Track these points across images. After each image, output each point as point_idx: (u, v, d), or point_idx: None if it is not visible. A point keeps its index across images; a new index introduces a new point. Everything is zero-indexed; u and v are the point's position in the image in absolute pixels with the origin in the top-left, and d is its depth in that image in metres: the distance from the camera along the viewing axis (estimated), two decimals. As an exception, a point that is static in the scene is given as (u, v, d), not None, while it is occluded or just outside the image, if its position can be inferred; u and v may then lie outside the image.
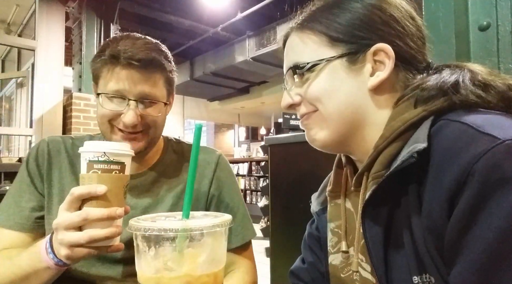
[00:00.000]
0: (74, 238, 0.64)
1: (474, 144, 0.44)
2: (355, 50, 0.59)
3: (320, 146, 0.63)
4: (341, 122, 0.59)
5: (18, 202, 0.87)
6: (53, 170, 0.91)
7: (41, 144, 0.93)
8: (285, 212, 1.95)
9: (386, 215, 0.54)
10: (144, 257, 0.49)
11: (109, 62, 0.81)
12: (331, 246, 0.70)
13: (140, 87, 0.82)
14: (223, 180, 0.99)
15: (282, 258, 2.02)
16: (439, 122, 0.52)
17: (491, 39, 1.04)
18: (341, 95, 0.59)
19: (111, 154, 0.67)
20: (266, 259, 2.15)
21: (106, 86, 0.83)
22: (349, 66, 0.59)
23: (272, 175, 2.06)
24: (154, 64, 0.83)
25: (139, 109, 0.83)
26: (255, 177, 7.57)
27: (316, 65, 0.60)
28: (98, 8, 4.70)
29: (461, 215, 0.43)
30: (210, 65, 7.80)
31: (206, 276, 0.47)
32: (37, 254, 0.70)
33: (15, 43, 4.88)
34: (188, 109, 10.62)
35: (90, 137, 1.00)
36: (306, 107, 0.62)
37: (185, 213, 0.51)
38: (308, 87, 0.61)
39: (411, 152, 0.49)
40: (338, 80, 0.59)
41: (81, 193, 0.65)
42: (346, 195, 0.69)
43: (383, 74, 0.58)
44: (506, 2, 1.02)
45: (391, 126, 0.56)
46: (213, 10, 5.92)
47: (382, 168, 0.54)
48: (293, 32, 0.65)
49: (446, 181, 0.45)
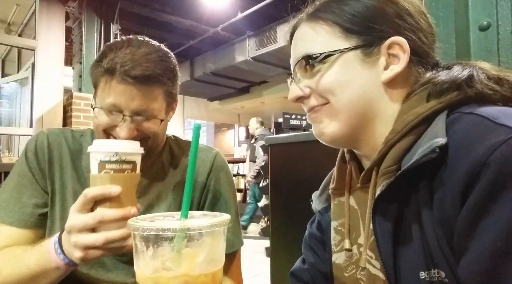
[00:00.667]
0: (90, 240, 0.63)
1: (489, 135, 0.43)
2: (369, 43, 0.58)
3: (329, 140, 0.62)
4: (353, 116, 0.58)
5: (19, 197, 0.84)
6: (53, 165, 0.88)
7: (40, 136, 0.89)
8: (285, 212, 1.95)
9: (396, 210, 0.53)
10: (142, 257, 0.49)
11: (105, 74, 0.78)
12: (334, 244, 0.69)
13: (136, 103, 0.78)
14: (218, 180, 0.96)
15: (282, 258, 2.02)
16: (453, 115, 0.51)
17: (491, 39, 1.04)
18: (354, 88, 0.57)
19: (123, 154, 0.67)
20: (266, 259, 2.16)
21: (103, 100, 0.79)
22: (363, 59, 0.58)
23: (272, 175, 2.06)
24: (152, 80, 0.78)
25: (134, 124, 0.79)
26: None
27: (329, 56, 0.58)
28: (98, 8, 4.70)
29: (473, 205, 0.43)
30: (210, 65, 7.80)
31: (205, 275, 0.47)
32: (45, 254, 0.70)
33: (15, 43, 4.88)
34: (188, 109, 10.61)
35: (91, 132, 0.95)
36: (317, 100, 0.61)
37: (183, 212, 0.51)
38: (320, 78, 0.59)
39: (432, 146, 0.47)
40: (351, 72, 0.58)
41: (95, 195, 0.64)
42: (350, 192, 0.67)
43: (397, 68, 0.57)
44: (506, 2, 1.02)
45: (403, 120, 0.55)
46: (213, 10, 5.91)
47: (394, 163, 0.53)
48: (304, 23, 0.64)
49: (460, 172, 0.44)
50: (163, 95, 0.83)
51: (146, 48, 0.80)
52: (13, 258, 0.76)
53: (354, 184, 0.67)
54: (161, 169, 0.94)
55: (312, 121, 0.63)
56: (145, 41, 0.83)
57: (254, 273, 3.62)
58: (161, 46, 0.85)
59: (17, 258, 0.75)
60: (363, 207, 0.63)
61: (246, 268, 0.99)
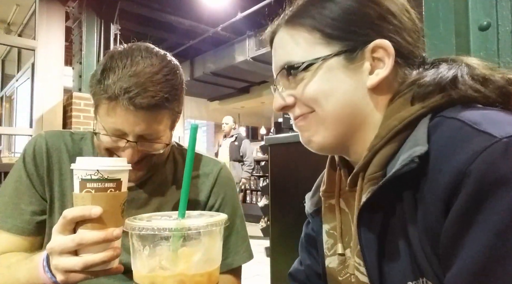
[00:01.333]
0: (69, 264, 0.60)
1: (469, 143, 0.42)
2: (352, 48, 0.55)
3: (316, 148, 0.61)
4: (340, 124, 0.57)
5: (17, 203, 0.82)
6: (52, 171, 0.85)
7: (38, 140, 0.86)
8: (285, 212, 1.95)
9: (381, 219, 0.52)
10: (139, 256, 0.49)
11: (108, 99, 0.73)
12: (327, 248, 0.68)
13: (141, 128, 0.74)
14: (222, 195, 0.92)
15: (282, 258, 2.02)
16: (435, 119, 0.50)
17: (491, 39, 1.04)
18: (339, 96, 0.56)
19: (105, 171, 0.62)
20: (266, 259, 2.15)
21: (106, 123, 0.76)
22: (346, 65, 0.55)
23: (272, 175, 2.06)
24: (158, 107, 0.74)
25: (139, 146, 0.77)
26: (255, 176, 7.56)
27: (311, 65, 0.56)
28: (98, 8, 4.70)
29: (456, 217, 0.42)
30: (210, 65, 7.80)
31: (200, 275, 0.48)
32: (35, 270, 0.68)
33: (15, 43, 4.89)
34: (188, 109, 10.61)
35: (91, 135, 0.90)
36: (301, 109, 0.59)
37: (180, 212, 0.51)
38: (303, 88, 0.57)
39: (412, 155, 0.46)
40: (335, 79, 0.56)
41: (74, 216, 0.60)
42: (340, 195, 0.66)
43: (383, 72, 0.55)
44: (506, 2, 1.02)
45: (387, 125, 0.53)
46: (213, 10, 5.91)
47: (379, 169, 0.52)
48: (282, 29, 0.61)
49: (441, 182, 0.43)
50: (168, 116, 0.79)
51: (151, 66, 0.74)
52: (6, 268, 0.75)
53: (344, 186, 0.65)
54: (164, 181, 0.91)
55: (299, 129, 0.62)
56: (149, 53, 0.77)
57: (254, 273, 3.62)
58: (166, 57, 0.80)
59: (9, 269, 0.74)
60: (353, 210, 0.62)
61: (246, 268, 0.98)
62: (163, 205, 0.89)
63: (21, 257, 0.77)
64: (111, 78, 0.72)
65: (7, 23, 5.90)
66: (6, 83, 6.61)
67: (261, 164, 7.16)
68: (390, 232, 0.52)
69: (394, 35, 0.56)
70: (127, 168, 0.66)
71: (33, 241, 0.84)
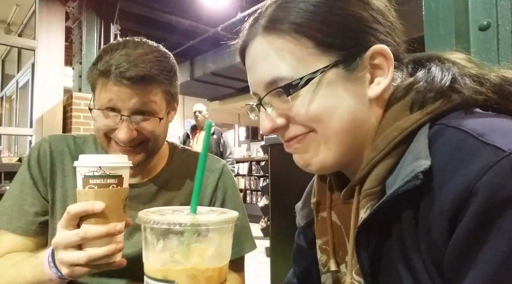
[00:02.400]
0: (74, 258, 0.63)
1: (475, 157, 0.39)
2: (350, 56, 0.50)
3: (316, 170, 0.55)
4: (344, 141, 0.51)
5: (21, 205, 0.85)
6: (56, 173, 0.88)
7: (42, 144, 0.90)
8: (285, 212, 1.95)
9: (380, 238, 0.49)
10: (152, 249, 0.49)
11: (101, 76, 0.78)
12: (321, 265, 0.63)
13: (133, 103, 0.78)
14: (226, 190, 0.97)
15: (282, 258, 2.02)
16: (435, 128, 0.46)
17: (491, 39, 1.04)
18: (343, 112, 0.50)
19: (107, 168, 0.64)
20: (266, 259, 2.16)
21: (100, 102, 0.80)
22: (346, 76, 0.50)
23: (272, 175, 2.06)
24: (147, 80, 0.78)
25: (133, 124, 0.79)
26: (255, 176, 7.57)
27: (310, 80, 0.49)
28: (98, 8, 4.70)
29: (463, 236, 0.39)
30: (210, 65, 7.80)
31: (212, 270, 0.48)
32: (40, 267, 0.70)
33: (15, 43, 4.89)
34: (188, 109, 10.59)
35: (94, 137, 0.94)
36: (297, 130, 0.52)
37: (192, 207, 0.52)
38: (301, 107, 0.50)
39: (416, 171, 0.42)
40: (336, 94, 0.50)
41: (77, 211, 0.63)
42: (331, 207, 0.62)
43: (385, 80, 0.51)
44: (506, 2, 1.02)
45: (386, 135, 0.49)
46: (213, 10, 5.91)
47: (377, 184, 0.48)
48: (259, 37, 0.53)
49: (446, 199, 0.40)
50: (161, 94, 0.82)
51: (142, 49, 0.80)
52: (12, 267, 0.77)
53: (336, 198, 0.61)
54: (169, 178, 0.95)
55: (294, 151, 0.55)
56: (142, 42, 0.82)
57: (254, 273, 3.62)
58: (159, 47, 0.85)
59: (15, 267, 0.76)
60: (347, 223, 0.57)
61: (246, 268, 0.99)
62: (170, 201, 0.92)
63: (25, 256, 0.79)
64: (104, 59, 0.77)
65: (7, 23, 5.90)
66: (6, 83, 6.62)
67: (261, 164, 7.17)
68: (387, 250, 0.49)
69: (387, 37, 0.52)
70: (128, 165, 0.69)
71: (37, 241, 0.86)
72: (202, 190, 0.93)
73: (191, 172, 0.96)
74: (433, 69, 0.52)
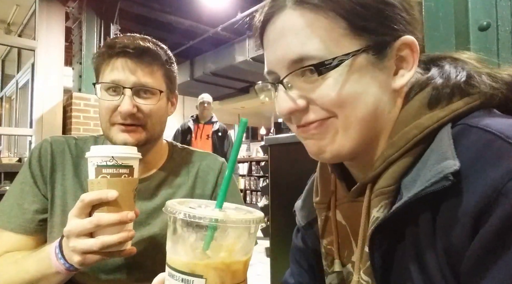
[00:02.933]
0: (87, 245, 0.64)
1: (504, 159, 0.38)
2: (382, 43, 0.48)
3: (329, 158, 0.52)
4: (363, 131, 0.49)
5: (21, 204, 0.86)
6: (56, 171, 0.90)
7: (44, 144, 0.92)
8: (285, 212, 1.95)
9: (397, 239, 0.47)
10: (182, 242, 0.49)
11: (106, 53, 0.83)
12: (326, 265, 0.62)
13: (135, 76, 0.83)
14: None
15: (282, 258, 2.02)
16: (458, 127, 0.45)
17: (491, 39, 1.04)
18: (368, 99, 0.48)
19: (120, 158, 0.66)
20: (266, 259, 2.16)
21: (103, 77, 0.84)
22: (374, 63, 0.48)
23: (272, 175, 2.06)
24: (149, 54, 0.84)
25: (135, 100, 0.83)
26: (255, 177, 7.57)
27: (342, 62, 0.47)
28: (98, 8, 4.70)
29: (486, 239, 0.38)
30: (210, 65, 7.80)
31: (238, 263, 0.49)
32: (46, 260, 0.70)
33: (15, 43, 4.88)
34: (188, 109, 10.61)
35: (94, 138, 0.98)
36: (317, 114, 0.50)
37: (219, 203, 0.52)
38: (327, 89, 0.48)
39: (445, 172, 0.40)
40: (364, 80, 0.48)
41: (91, 199, 0.64)
42: (336, 205, 0.60)
43: (409, 73, 0.50)
44: (506, 2, 1.02)
45: (405, 133, 0.48)
46: (213, 10, 5.91)
47: (392, 183, 0.47)
48: (289, 9, 0.49)
49: (471, 199, 0.39)
50: (161, 73, 0.88)
51: (143, 36, 0.89)
52: (13, 263, 0.77)
53: (340, 196, 0.60)
54: (169, 174, 0.96)
55: (309, 137, 0.52)
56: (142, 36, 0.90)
57: (254, 273, 3.62)
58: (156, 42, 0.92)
59: (17, 264, 0.76)
60: (353, 222, 0.57)
61: (246, 268, 0.99)
62: (170, 197, 0.93)
63: (26, 254, 0.79)
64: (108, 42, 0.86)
65: (7, 23, 5.90)
66: (6, 84, 6.62)
67: (261, 164, 7.17)
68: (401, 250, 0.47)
69: (413, 29, 0.50)
70: (138, 156, 0.71)
71: (37, 239, 0.87)
72: (203, 186, 0.97)
73: (190, 169, 0.99)
74: (447, 67, 0.51)
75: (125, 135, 0.84)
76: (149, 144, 0.89)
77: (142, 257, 0.85)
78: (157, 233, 0.88)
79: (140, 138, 0.85)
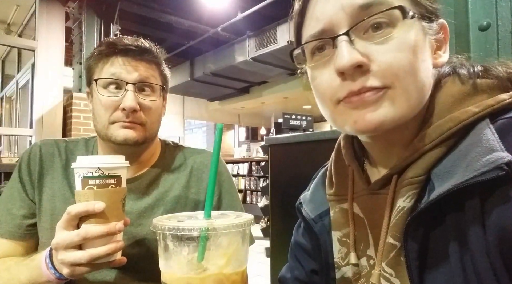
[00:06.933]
0: (76, 257, 0.63)
1: None
2: (432, 16, 0.48)
3: (377, 127, 0.47)
4: (415, 106, 0.48)
5: (10, 209, 0.86)
6: (45, 175, 0.89)
7: (33, 148, 0.91)
8: (285, 212, 1.95)
9: (434, 230, 0.46)
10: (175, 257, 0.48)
11: (106, 51, 0.84)
12: (340, 258, 0.60)
13: (138, 73, 0.84)
14: (221, 183, 0.97)
15: (282, 258, 2.02)
16: (502, 121, 0.45)
17: (491, 39, 1.04)
18: (426, 68, 0.47)
19: (106, 168, 0.65)
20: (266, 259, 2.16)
21: (102, 72, 0.84)
22: (426, 33, 0.48)
23: (272, 175, 2.06)
24: (150, 52, 0.86)
25: (137, 96, 0.84)
26: (255, 177, 7.57)
27: (412, 18, 0.45)
28: (98, 8, 4.70)
29: None
30: (210, 65, 7.80)
31: (236, 274, 0.48)
32: (37, 269, 0.70)
33: (15, 43, 4.88)
34: (188, 109, 10.61)
35: (85, 141, 0.97)
36: (378, 81, 0.45)
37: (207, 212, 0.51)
38: (396, 48, 0.45)
39: (498, 162, 0.40)
40: (425, 49, 0.47)
41: (78, 212, 0.63)
42: (353, 198, 0.59)
43: (444, 55, 0.50)
44: (506, 2, 1.02)
45: (439, 126, 0.48)
46: (213, 10, 5.91)
47: (423, 173, 0.47)
48: None
49: None
50: (159, 72, 0.90)
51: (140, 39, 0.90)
52: (5, 270, 0.77)
53: (358, 189, 0.59)
54: (161, 172, 0.94)
55: (367, 103, 0.47)
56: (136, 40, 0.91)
57: (254, 273, 3.62)
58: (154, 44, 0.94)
59: (9, 271, 0.76)
60: (371, 215, 0.56)
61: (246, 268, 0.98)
62: (163, 196, 0.91)
63: (18, 260, 0.79)
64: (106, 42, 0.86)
65: (7, 23, 5.90)
66: (6, 84, 6.62)
67: (261, 164, 7.17)
68: (439, 240, 0.46)
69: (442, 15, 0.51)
70: (126, 165, 0.70)
71: (26, 245, 0.86)
72: (198, 185, 0.95)
73: (184, 166, 0.97)
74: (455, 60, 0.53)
75: (126, 131, 0.83)
76: (146, 143, 0.89)
77: (135, 258, 0.84)
78: (149, 233, 0.87)
79: (139, 136, 0.85)
